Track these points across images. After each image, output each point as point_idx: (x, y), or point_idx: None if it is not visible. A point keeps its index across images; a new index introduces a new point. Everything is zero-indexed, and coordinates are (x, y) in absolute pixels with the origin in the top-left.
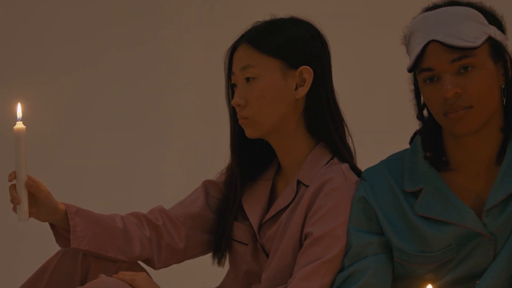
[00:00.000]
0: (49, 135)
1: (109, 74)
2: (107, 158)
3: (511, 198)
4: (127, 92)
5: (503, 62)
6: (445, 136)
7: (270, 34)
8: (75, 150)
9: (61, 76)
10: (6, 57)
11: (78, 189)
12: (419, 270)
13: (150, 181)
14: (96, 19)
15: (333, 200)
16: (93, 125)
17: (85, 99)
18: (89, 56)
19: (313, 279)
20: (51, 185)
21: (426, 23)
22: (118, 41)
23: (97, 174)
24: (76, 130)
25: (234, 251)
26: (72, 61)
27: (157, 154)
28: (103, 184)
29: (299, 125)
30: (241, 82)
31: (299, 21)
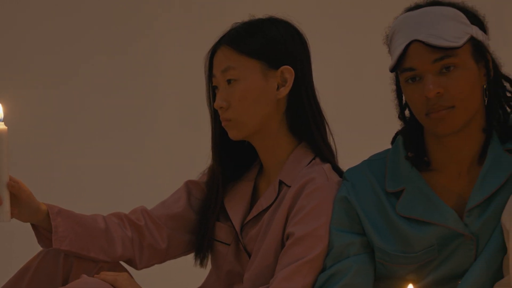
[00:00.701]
0: (34, 137)
1: (93, 78)
2: (90, 159)
3: (492, 198)
4: (112, 95)
5: (485, 62)
6: (426, 136)
7: (249, 35)
8: (60, 152)
9: (45, 81)
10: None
11: (62, 191)
12: (401, 271)
13: (132, 181)
14: (80, 25)
15: (315, 200)
16: (78, 128)
17: (69, 104)
18: (73, 62)
19: (295, 279)
20: (34, 186)
21: (408, 23)
22: (101, 47)
23: (82, 176)
24: (61, 133)
25: (216, 252)
26: (57, 66)
27: (139, 154)
28: (87, 185)
29: (281, 125)
30: (223, 84)
31: (278, 21)
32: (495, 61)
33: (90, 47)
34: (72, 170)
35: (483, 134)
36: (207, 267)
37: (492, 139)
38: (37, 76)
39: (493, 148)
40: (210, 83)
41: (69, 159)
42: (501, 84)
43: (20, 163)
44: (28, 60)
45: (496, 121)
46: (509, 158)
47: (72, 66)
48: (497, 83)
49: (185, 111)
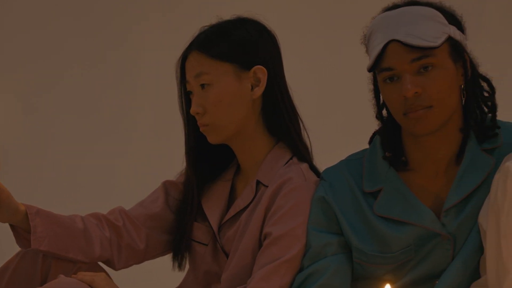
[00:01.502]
0: (20, 138)
1: (78, 82)
2: (74, 161)
3: (470, 199)
4: (94, 98)
5: (462, 62)
6: (404, 136)
7: (219, 39)
8: (46, 154)
9: (33, 84)
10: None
11: (46, 192)
12: (378, 271)
13: (110, 181)
14: (54, 38)
15: (293, 200)
16: (62, 130)
17: (47, 113)
18: (50, 72)
19: (272, 279)
20: (19, 187)
21: (386, 23)
22: (85, 52)
23: (65, 177)
24: (46, 135)
25: (194, 252)
26: (43, 70)
27: (115, 155)
28: (64, 186)
29: (258, 125)
30: (197, 89)
31: (246, 21)
32: (472, 61)
33: (73, 52)
34: (57, 171)
35: (461, 134)
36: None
37: (469, 139)
38: (25, 78)
39: (471, 148)
40: (182, 89)
41: (54, 161)
42: (479, 84)
43: (4, 164)
44: (15, 64)
45: (474, 121)
46: (486, 158)
47: (58, 69)
48: (474, 83)
49: (163, 111)
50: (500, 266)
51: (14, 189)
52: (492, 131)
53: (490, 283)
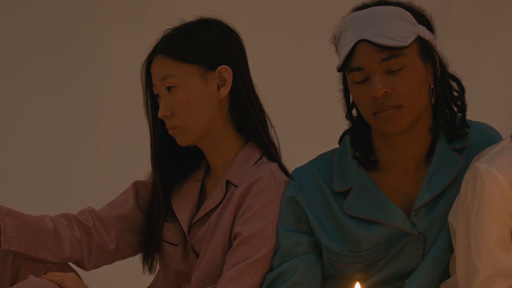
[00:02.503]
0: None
1: (35, 78)
2: (35, 161)
3: (439, 198)
4: (54, 96)
5: (432, 61)
6: (374, 136)
7: (183, 41)
8: (1, 154)
9: None
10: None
11: (5, 192)
12: (348, 270)
13: (78, 182)
14: (22, 25)
15: (262, 200)
16: (21, 128)
17: (12, 104)
18: (15, 62)
19: (242, 279)
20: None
21: (356, 22)
22: (43, 46)
23: (28, 176)
24: (4, 134)
25: (164, 252)
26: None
27: (85, 155)
28: (32, 186)
29: (226, 125)
30: (163, 92)
31: (208, 21)
32: (442, 61)
33: (31, 47)
34: (18, 170)
35: (430, 134)
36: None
37: (439, 139)
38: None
39: (440, 147)
40: (147, 92)
41: (14, 160)
42: (448, 83)
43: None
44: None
45: (443, 121)
46: (456, 158)
47: (14, 66)
48: (444, 82)
49: (130, 110)
50: (469, 265)
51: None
52: (461, 130)
53: (459, 282)
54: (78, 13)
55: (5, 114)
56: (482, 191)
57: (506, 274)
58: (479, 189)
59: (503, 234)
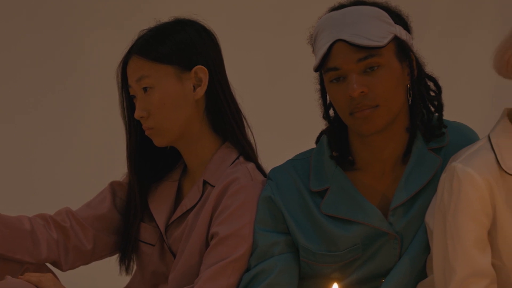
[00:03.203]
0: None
1: (19, 82)
2: (12, 162)
3: (416, 198)
4: (35, 99)
5: (408, 61)
6: (351, 136)
7: (158, 42)
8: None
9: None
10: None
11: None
12: (326, 269)
13: (56, 183)
14: (6, 31)
15: (239, 200)
16: (4, 129)
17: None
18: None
19: (219, 279)
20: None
21: (332, 22)
22: (29, 51)
23: (5, 178)
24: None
25: (141, 252)
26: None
27: (62, 156)
28: (10, 187)
29: (203, 125)
30: (139, 93)
31: (184, 22)
32: (418, 61)
33: (17, 52)
34: (2, 172)
35: (407, 134)
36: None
37: (416, 139)
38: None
39: (417, 147)
40: (123, 93)
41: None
42: (425, 83)
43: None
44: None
45: (420, 121)
46: (433, 158)
47: None
48: (421, 82)
49: (107, 111)
50: (446, 266)
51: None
52: (438, 130)
53: (436, 282)
54: (60, 18)
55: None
56: (459, 191)
57: (482, 274)
58: (456, 189)
59: (480, 234)
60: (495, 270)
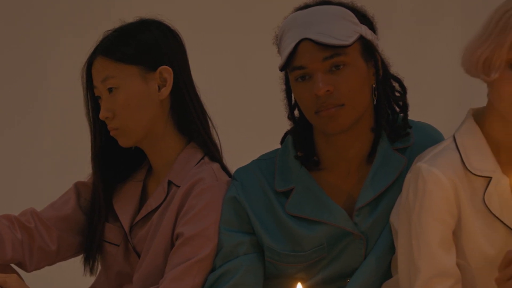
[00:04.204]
0: None
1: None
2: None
3: (381, 198)
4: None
5: (374, 61)
6: (316, 135)
7: (123, 42)
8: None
9: None
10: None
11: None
12: (290, 269)
13: (20, 183)
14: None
15: (204, 200)
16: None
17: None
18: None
19: (184, 279)
20: None
21: (298, 22)
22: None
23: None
24: None
25: (105, 252)
26: None
27: (27, 156)
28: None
29: (168, 125)
30: (104, 94)
31: (148, 22)
32: (384, 61)
33: None
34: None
35: (372, 133)
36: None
37: (381, 139)
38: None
39: (382, 147)
40: (88, 94)
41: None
42: (390, 84)
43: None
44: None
45: (385, 121)
46: (398, 158)
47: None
48: (386, 82)
49: (74, 112)
50: (411, 266)
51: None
52: (403, 130)
53: (401, 282)
54: (22, 13)
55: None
56: (423, 191)
57: (447, 274)
58: (421, 189)
59: (445, 234)
60: (460, 270)
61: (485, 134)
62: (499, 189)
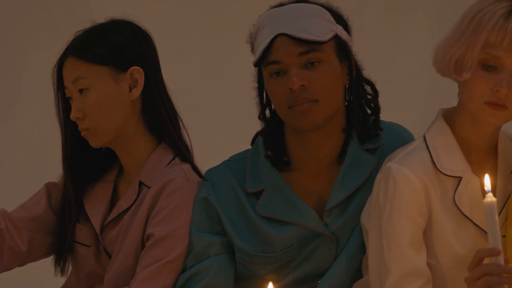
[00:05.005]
0: None
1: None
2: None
3: (352, 198)
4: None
5: (348, 62)
6: (287, 135)
7: (94, 42)
8: None
9: None
10: None
11: None
12: (261, 270)
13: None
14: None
15: (175, 201)
16: None
17: None
18: None
19: (155, 280)
20: None
21: (273, 19)
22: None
23: None
24: None
25: (76, 253)
26: None
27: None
28: None
29: (139, 126)
30: (75, 94)
31: (120, 23)
32: (357, 63)
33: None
34: None
35: (343, 134)
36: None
37: (351, 139)
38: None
39: (352, 148)
40: (59, 95)
41: None
42: (362, 86)
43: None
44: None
45: (357, 121)
46: (368, 158)
47: None
48: (358, 84)
49: (45, 113)
50: (381, 266)
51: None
52: (374, 131)
53: (372, 283)
54: None
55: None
56: (394, 191)
57: (417, 274)
58: (391, 189)
59: (415, 234)
60: (431, 270)
61: (455, 134)
62: (470, 189)
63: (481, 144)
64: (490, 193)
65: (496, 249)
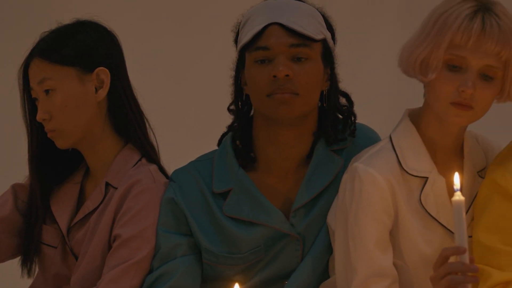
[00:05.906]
0: None
1: None
2: None
3: (318, 199)
4: None
5: (330, 69)
6: (257, 131)
7: (59, 44)
8: None
9: None
10: None
11: None
12: (228, 271)
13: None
14: None
15: (142, 202)
16: None
17: None
18: None
19: (121, 281)
20: None
21: (269, 8)
22: None
23: None
24: None
25: (43, 254)
26: None
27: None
28: None
29: (105, 127)
30: (41, 96)
31: (86, 24)
32: (336, 75)
33: None
34: None
35: (313, 137)
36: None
37: (319, 141)
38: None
39: (319, 148)
40: (25, 96)
41: None
42: (338, 96)
43: None
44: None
45: (331, 126)
46: (335, 159)
47: None
48: (335, 93)
49: (11, 113)
50: (348, 266)
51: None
52: (342, 135)
53: (338, 283)
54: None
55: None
56: (360, 191)
57: (384, 274)
58: (357, 190)
59: (382, 234)
60: (397, 270)
61: (421, 135)
62: (435, 189)
63: (447, 144)
64: (459, 192)
65: (461, 247)
